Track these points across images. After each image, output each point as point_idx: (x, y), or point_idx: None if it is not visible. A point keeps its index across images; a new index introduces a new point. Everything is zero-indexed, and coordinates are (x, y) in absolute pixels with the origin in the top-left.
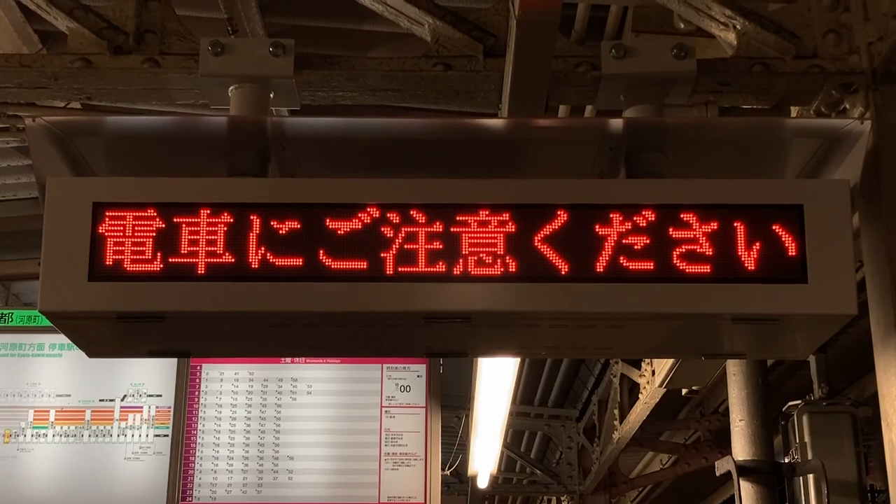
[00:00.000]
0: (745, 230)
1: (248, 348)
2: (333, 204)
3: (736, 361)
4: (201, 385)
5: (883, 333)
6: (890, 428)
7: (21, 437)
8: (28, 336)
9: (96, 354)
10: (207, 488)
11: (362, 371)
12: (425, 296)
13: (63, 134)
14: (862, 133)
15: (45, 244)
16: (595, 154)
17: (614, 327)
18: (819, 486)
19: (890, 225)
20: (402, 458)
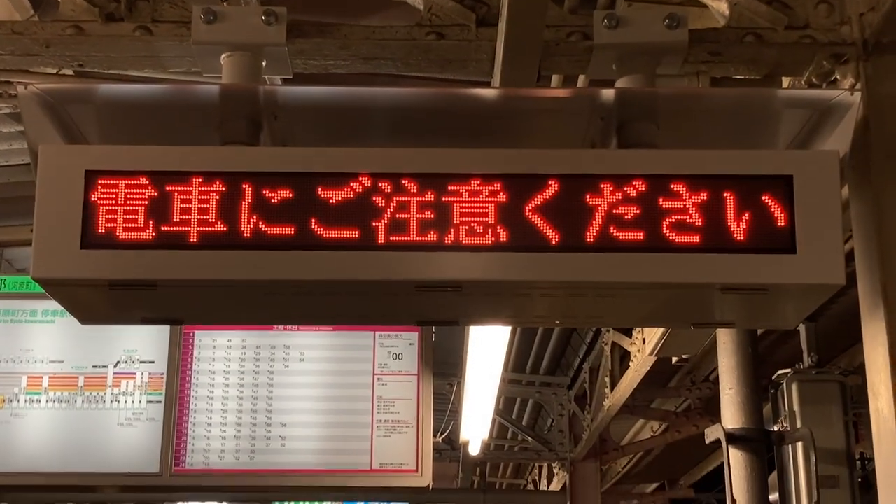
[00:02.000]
0: (734, 200)
1: (240, 316)
2: (325, 173)
3: (726, 330)
4: (194, 352)
5: (871, 304)
6: (877, 397)
7: (15, 402)
8: (21, 302)
9: (89, 321)
10: (200, 454)
11: (355, 339)
12: (417, 265)
13: (55, 101)
14: (852, 104)
15: (38, 211)
16: (587, 124)
17: (604, 297)
18: (807, 454)
19: (879, 196)
20: (394, 426)
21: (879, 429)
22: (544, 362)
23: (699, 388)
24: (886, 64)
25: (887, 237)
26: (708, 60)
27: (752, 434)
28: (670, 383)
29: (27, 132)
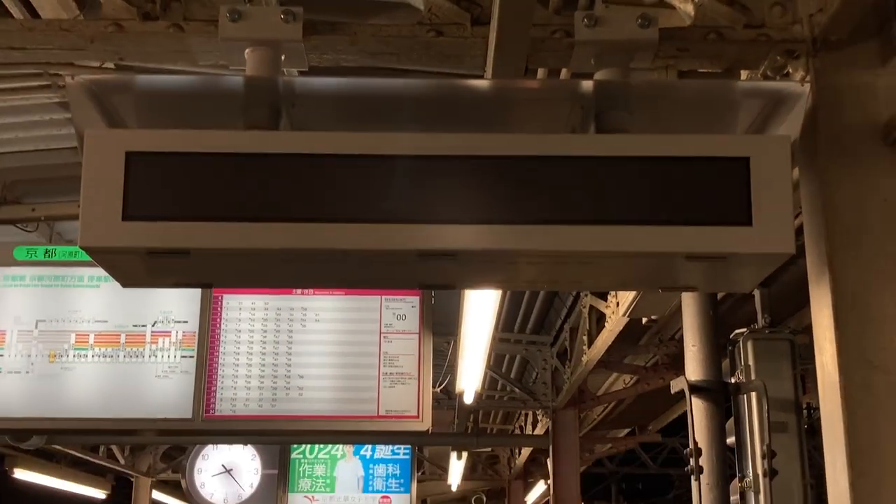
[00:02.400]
0: (699, 179)
1: (263, 280)
2: (338, 154)
3: (690, 294)
4: (222, 313)
5: (817, 271)
6: (822, 352)
7: (64, 357)
8: (70, 269)
9: (129, 285)
10: (228, 402)
11: (364, 302)
12: (418, 236)
13: (99, 91)
14: (802, 94)
15: (84, 188)
16: (568, 112)
17: (583, 264)
18: (760, 403)
19: (825, 177)
20: (398, 377)
21: (824, 380)
22: (530, 323)
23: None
24: (832, 59)
25: (832, 213)
26: (675, 55)
27: (712, 385)
28: (640, 341)
29: (74, 118)
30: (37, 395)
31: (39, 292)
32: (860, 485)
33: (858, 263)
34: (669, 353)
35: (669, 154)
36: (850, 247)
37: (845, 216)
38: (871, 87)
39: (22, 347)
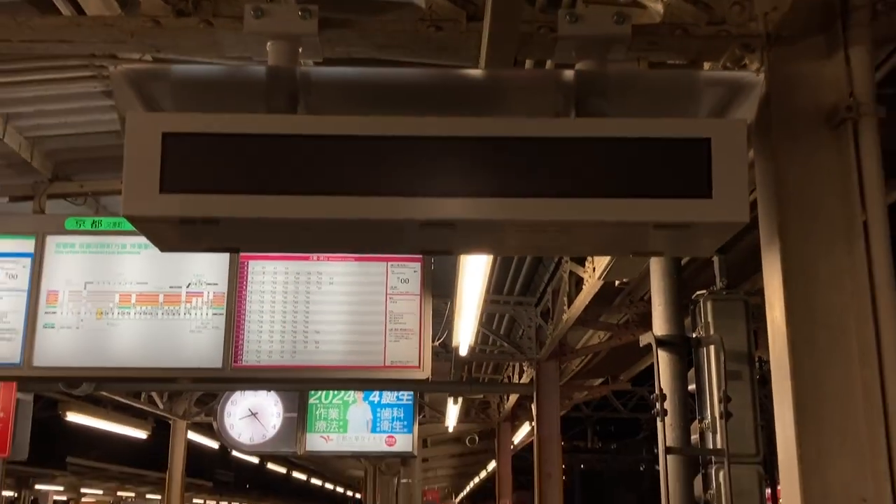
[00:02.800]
0: (666, 157)
1: (283, 246)
2: (350, 135)
3: (658, 259)
4: (248, 276)
5: (768, 239)
6: (772, 309)
7: (110, 314)
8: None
9: (166, 249)
10: (253, 354)
11: (372, 267)
12: (421, 207)
13: (138, 79)
14: (757, 83)
15: (126, 165)
16: (552, 98)
17: (564, 232)
18: (718, 355)
19: (777, 155)
20: (402, 333)
21: (774, 332)
22: (517, 285)
23: (636, 306)
24: (784, 52)
25: (783, 187)
26: (647, 49)
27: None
28: (614, 302)
29: (117, 103)
30: (86, 348)
31: (87, 258)
32: (804, 428)
33: (805, 232)
34: (639, 311)
35: (640, 135)
36: (798, 217)
37: (794, 190)
38: (818, 76)
39: (72, 306)
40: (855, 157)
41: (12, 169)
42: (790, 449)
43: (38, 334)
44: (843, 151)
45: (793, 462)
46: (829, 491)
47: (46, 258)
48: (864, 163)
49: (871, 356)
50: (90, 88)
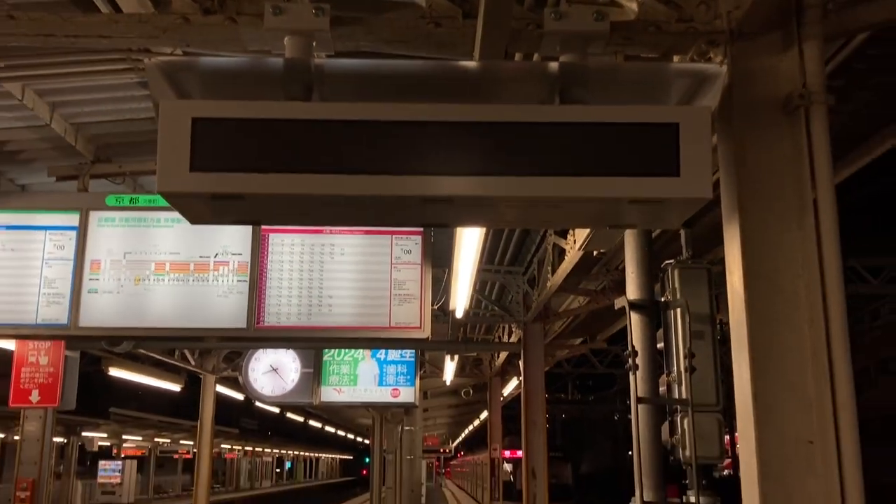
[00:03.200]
0: (639, 140)
1: (301, 219)
2: (359, 120)
3: (631, 232)
4: (269, 247)
5: (729, 214)
6: (731, 274)
7: (146, 281)
8: (150, 213)
9: (196, 222)
10: (274, 316)
11: (378, 239)
12: (422, 185)
13: (170, 70)
14: (720, 74)
15: (160, 147)
16: (539, 87)
17: (551, 207)
18: (684, 316)
19: (737, 139)
20: (405, 298)
21: (733, 296)
22: (507, 256)
23: (612, 274)
24: (745, 46)
25: (742, 168)
26: (623, 43)
27: (647, 303)
28: (592, 270)
29: (151, 92)
30: (125, 310)
31: (126, 231)
32: (759, 379)
33: (761, 207)
34: (614, 279)
35: (617, 120)
36: (755, 194)
37: (752, 169)
38: (776, 68)
39: (113, 273)
40: (807, 141)
41: (58, 152)
42: (746, 399)
43: (83, 298)
44: (797, 136)
45: (749, 410)
46: (780, 434)
47: (90, 231)
48: (815, 146)
49: (819, 318)
50: (127, 80)
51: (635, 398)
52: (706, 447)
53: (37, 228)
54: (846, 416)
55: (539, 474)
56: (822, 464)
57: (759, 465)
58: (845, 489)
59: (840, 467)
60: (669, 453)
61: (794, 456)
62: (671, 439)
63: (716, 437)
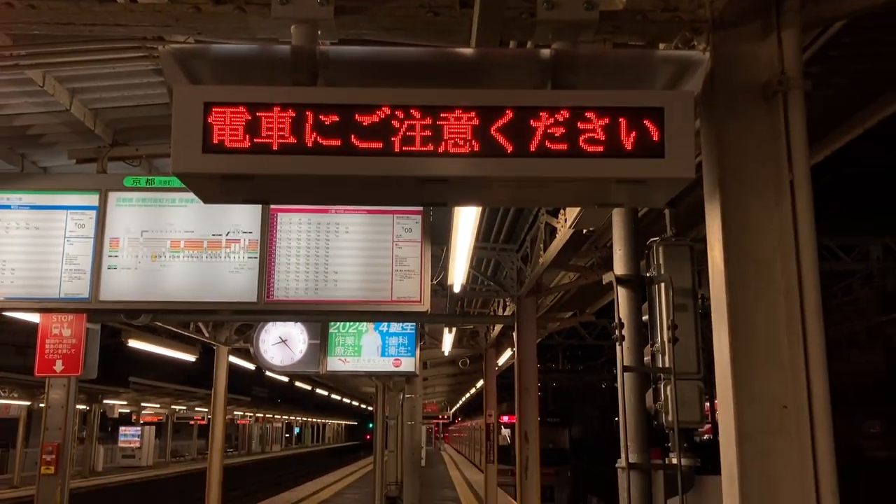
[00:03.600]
0: (626, 123)
1: (307, 198)
2: (360, 104)
3: (619, 211)
4: (278, 226)
5: (710, 193)
6: (712, 250)
7: (162, 257)
8: (165, 194)
9: (209, 201)
10: (283, 290)
11: (380, 218)
12: (420, 166)
13: (183, 57)
14: (703, 61)
15: (174, 130)
16: (532, 73)
17: (541, 187)
18: (667, 290)
19: (719, 122)
20: (406, 273)
21: (713, 271)
22: (502, 234)
23: (600, 251)
24: (727, 35)
25: (723, 148)
26: (611, 31)
27: (633, 278)
28: (582, 248)
29: (165, 77)
30: (143, 285)
31: (143, 210)
32: (737, 346)
33: (739, 184)
34: (603, 256)
35: (605, 104)
36: (734, 172)
37: (732, 151)
38: (755, 56)
39: (131, 250)
40: (784, 125)
41: (78, 135)
42: (725, 365)
43: (103, 274)
44: (775, 119)
45: (727, 376)
46: (756, 400)
47: (109, 210)
48: (792, 129)
49: (794, 289)
50: (142, 67)
51: (621, 367)
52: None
53: (59, 208)
54: (819, 383)
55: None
56: (795, 426)
57: (737, 427)
58: (816, 450)
59: (812, 430)
60: (653, 418)
61: (770, 419)
62: (655, 405)
63: (697, 403)
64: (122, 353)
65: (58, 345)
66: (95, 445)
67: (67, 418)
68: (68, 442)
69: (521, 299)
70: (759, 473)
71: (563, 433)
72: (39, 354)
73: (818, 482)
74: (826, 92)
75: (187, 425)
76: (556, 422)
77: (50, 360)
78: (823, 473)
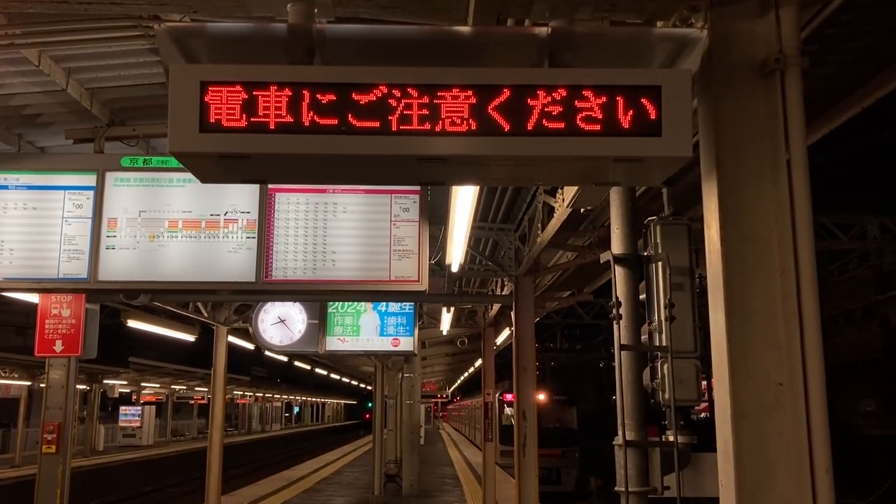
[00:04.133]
0: (623, 102)
1: (304, 178)
2: (357, 83)
3: (616, 191)
4: (275, 206)
5: (708, 171)
6: (709, 228)
7: (160, 237)
8: (163, 174)
9: (206, 181)
10: (281, 270)
11: (378, 198)
12: (417, 144)
13: (179, 35)
14: (701, 39)
15: (171, 109)
16: (529, 51)
17: (539, 165)
18: (665, 269)
19: (716, 99)
20: (404, 253)
21: (710, 249)
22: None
23: (598, 230)
24: (724, 12)
25: (720, 126)
26: (609, 10)
27: (630, 257)
28: (580, 227)
29: (161, 56)
30: (142, 265)
31: (141, 190)
32: (733, 324)
33: (736, 163)
34: (600, 235)
35: (603, 83)
36: (731, 151)
37: (729, 128)
38: (752, 33)
39: (129, 230)
40: (781, 102)
41: (75, 115)
42: (721, 343)
43: (102, 254)
44: (772, 97)
45: (723, 353)
46: (752, 377)
47: (106, 190)
48: (790, 106)
49: (790, 267)
50: (139, 46)
51: (619, 346)
52: (684, 391)
53: (56, 188)
54: (814, 360)
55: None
56: (790, 404)
57: (733, 404)
58: (811, 426)
59: (807, 407)
60: (650, 396)
61: (765, 396)
62: (652, 383)
63: (693, 381)
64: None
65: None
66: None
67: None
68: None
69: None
70: (755, 450)
71: (571, 412)
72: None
73: (813, 459)
74: (824, 70)
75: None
76: (564, 399)
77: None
78: (818, 450)
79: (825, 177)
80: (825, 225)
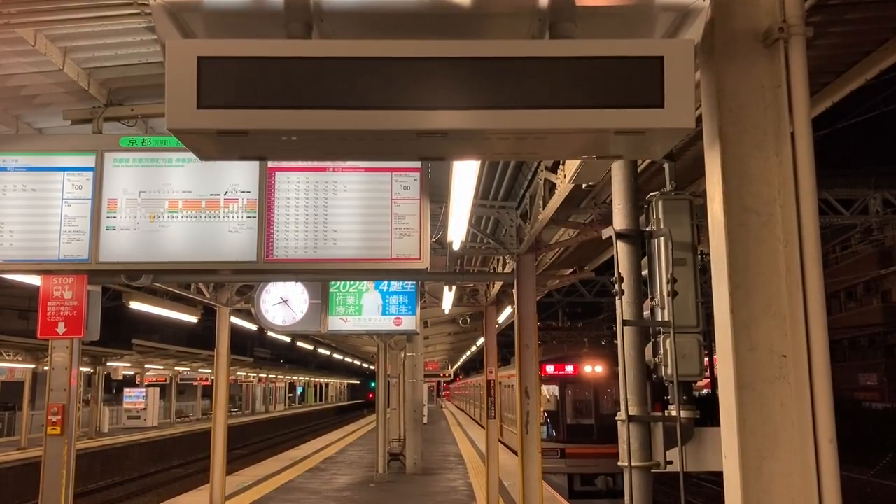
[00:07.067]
0: (625, 73)
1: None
2: (356, 57)
3: (618, 166)
4: (276, 185)
5: (710, 143)
6: (712, 200)
7: (161, 218)
8: (162, 153)
9: (205, 158)
10: (282, 249)
11: (379, 176)
12: (417, 119)
13: (175, 10)
14: (703, 8)
15: (168, 86)
16: (529, 23)
17: (539, 139)
18: (667, 244)
19: (719, 69)
20: (405, 231)
21: (713, 221)
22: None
23: (599, 207)
24: None
25: (723, 96)
26: None
27: (633, 233)
28: (581, 204)
29: (157, 32)
30: (142, 246)
31: (140, 170)
32: (736, 296)
33: (739, 133)
34: (602, 212)
35: (604, 54)
36: (734, 122)
37: (732, 99)
38: (755, 2)
39: (129, 211)
40: (785, 73)
41: (72, 96)
42: (724, 314)
43: (102, 235)
44: (776, 67)
45: (727, 325)
46: (755, 349)
47: (105, 171)
48: (793, 77)
49: (793, 238)
50: (135, 24)
51: (621, 321)
52: (687, 366)
53: (55, 170)
54: (818, 332)
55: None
56: (794, 375)
57: (736, 376)
58: (815, 398)
59: (811, 379)
60: (653, 372)
61: (769, 368)
62: (654, 359)
63: (696, 356)
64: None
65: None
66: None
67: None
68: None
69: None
70: (758, 422)
71: None
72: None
73: (816, 430)
74: (826, 41)
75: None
76: None
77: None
78: (822, 422)
79: (828, 151)
80: (827, 200)
